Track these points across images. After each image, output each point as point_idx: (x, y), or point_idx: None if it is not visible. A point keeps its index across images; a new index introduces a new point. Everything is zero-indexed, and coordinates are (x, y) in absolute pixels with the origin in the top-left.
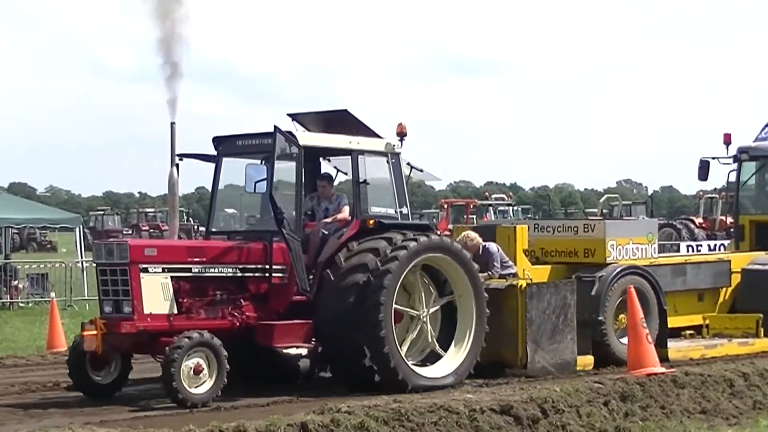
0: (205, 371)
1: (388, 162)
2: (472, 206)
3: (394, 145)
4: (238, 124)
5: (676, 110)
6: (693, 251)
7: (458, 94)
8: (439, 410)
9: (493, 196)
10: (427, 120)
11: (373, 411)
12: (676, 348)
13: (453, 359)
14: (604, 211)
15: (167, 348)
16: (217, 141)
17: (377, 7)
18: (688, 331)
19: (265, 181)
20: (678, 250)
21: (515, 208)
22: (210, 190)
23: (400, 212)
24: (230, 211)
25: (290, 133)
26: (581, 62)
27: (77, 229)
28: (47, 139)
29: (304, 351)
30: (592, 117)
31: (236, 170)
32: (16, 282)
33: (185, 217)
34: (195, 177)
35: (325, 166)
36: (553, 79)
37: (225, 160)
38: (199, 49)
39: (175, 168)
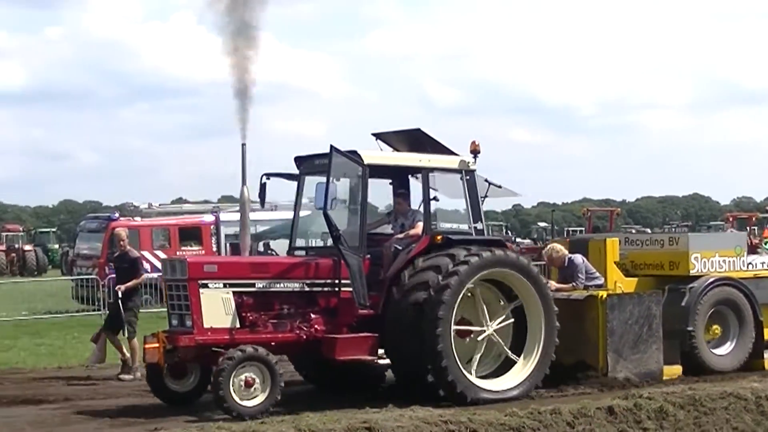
0: (257, 385)
1: (462, 179)
2: (754, 219)
3: (468, 162)
4: (547, 148)
5: None
6: None
7: (739, 120)
8: (728, 397)
9: None
10: (712, 144)
11: (671, 397)
12: None
13: (521, 372)
14: None
15: (220, 358)
16: (299, 161)
17: (665, 46)
18: None
19: (336, 199)
20: None
21: None
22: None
23: (474, 228)
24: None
25: (353, 152)
26: None
27: None
28: None
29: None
30: None
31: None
32: None
33: None
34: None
35: (414, 183)
36: None
37: (307, 178)
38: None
39: (245, 187)
